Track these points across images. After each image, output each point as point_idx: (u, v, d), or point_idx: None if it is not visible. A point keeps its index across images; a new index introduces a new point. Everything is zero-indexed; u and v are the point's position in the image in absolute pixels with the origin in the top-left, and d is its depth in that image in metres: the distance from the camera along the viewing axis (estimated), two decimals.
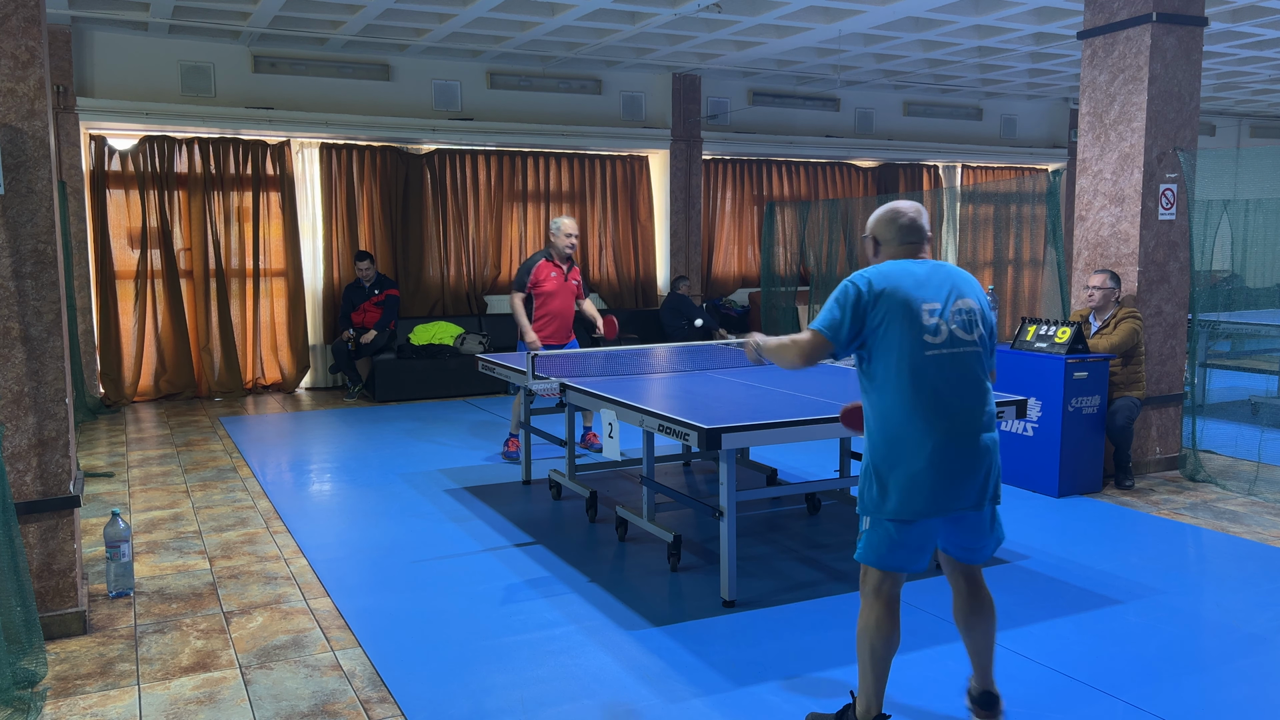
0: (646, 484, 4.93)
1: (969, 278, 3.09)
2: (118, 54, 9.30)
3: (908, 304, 2.92)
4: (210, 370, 9.98)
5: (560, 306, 7.11)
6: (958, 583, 3.17)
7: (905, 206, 3.09)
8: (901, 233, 3.08)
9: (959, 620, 3.18)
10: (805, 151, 12.68)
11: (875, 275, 2.98)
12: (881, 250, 3.13)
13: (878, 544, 2.97)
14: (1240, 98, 13.53)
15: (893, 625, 2.99)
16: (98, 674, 3.68)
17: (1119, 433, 6.18)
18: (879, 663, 3.00)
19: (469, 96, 10.73)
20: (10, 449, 3.84)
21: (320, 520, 5.66)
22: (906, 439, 2.91)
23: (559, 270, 7.07)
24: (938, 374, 2.92)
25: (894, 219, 3.09)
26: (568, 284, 7.12)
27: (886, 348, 2.93)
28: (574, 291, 7.16)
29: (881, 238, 3.12)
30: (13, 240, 3.81)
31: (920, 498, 2.90)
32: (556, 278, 7.06)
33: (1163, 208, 6.35)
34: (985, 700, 3.17)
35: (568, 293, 7.12)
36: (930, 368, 2.92)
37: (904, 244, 3.08)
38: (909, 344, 2.91)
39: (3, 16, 3.74)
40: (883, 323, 2.92)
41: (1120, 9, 6.30)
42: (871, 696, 3.02)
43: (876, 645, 2.99)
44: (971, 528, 3.04)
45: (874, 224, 3.14)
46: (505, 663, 3.72)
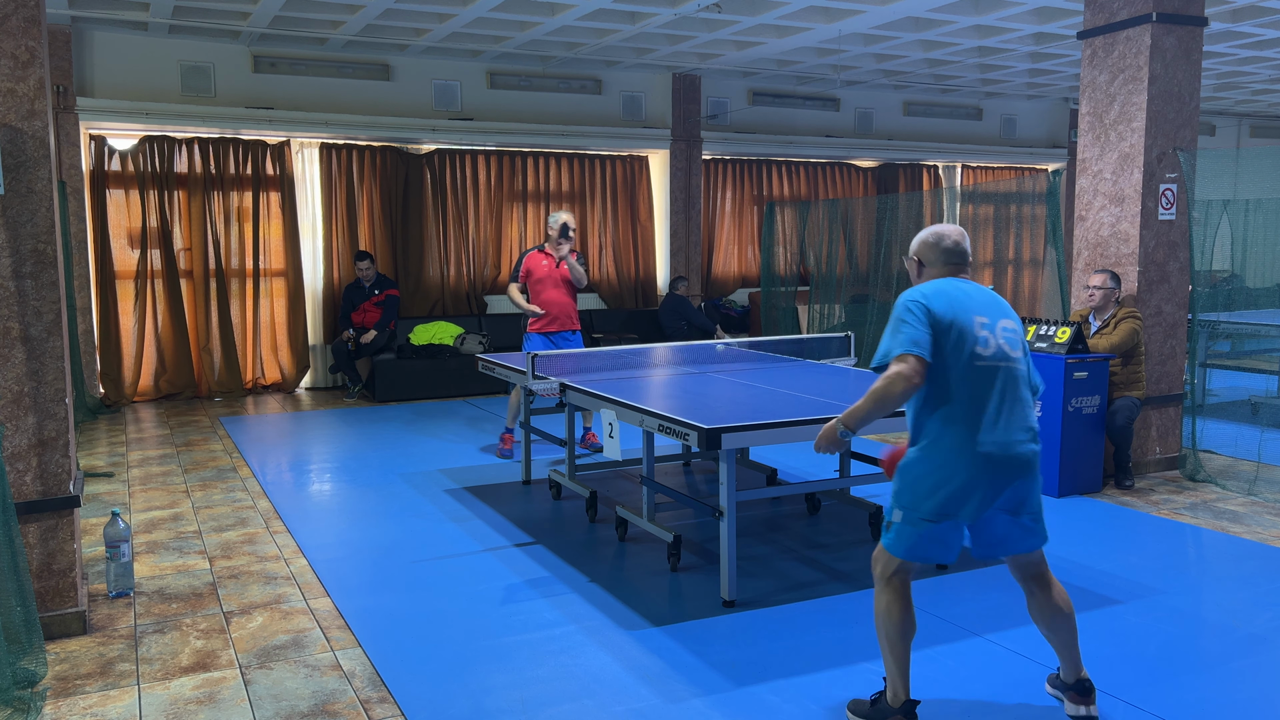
0: (646, 484, 4.93)
1: (1006, 304, 3.21)
2: (118, 54, 9.30)
3: (963, 316, 3.05)
4: (210, 370, 9.98)
5: (552, 295, 7.11)
6: (1029, 585, 3.22)
7: (949, 230, 3.22)
8: (945, 255, 3.21)
9: (1036, 619, 3.24)
10: (805, 151, 12.68)
11: (930, 290, 3.09)
12: (925, 271, 3.26)
13: (908, 538, 3.06)
14: (1240, 98, 13.53)
15: (904, 609, 3.09)
16: (98, 674, 3.68)
17: (1119, 433, 6.18)
18: (895, 648, 3.09)
19: (469, 96, 10.73)
20: (10, 449, 3.84)
21: (320, 520, 5.66)
22: (955, 446, 3.00)
23: (550, 259, 7.11)
24: (988, 385, 3.03)
25: (938, 242, 3.22)
26: (559, 270, 7.12)
27: (941, 357, 3.02)
28: (566, 277, 7.14)
29: (926, 259, 3.25)
30: (13, 240, 3.81)
31: (962, 502, 3.00)
32: (547, 265, 7.10)
33: (1163, 208, 6.35)
34: (1082, 688, 3.24)
35: (559, 279, 7.12)
36: (980, 378, 3.03)
37: (948, 265, 3.21)
38: (963, 354, 3.02)
39: (3, 16, 3.74)
40: (943, 333, 3.02)
41: (1120, 9, 6.30)
42: (896, 682, 3.12)
43: (892, 630, 3.09)
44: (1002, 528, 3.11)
45: (918, 246, 3.27)
46: (505, 663, 3.72)
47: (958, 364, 3.01)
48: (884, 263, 11.46)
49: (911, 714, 3.12)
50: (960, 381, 3.01)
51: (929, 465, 3.03)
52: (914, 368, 2.96)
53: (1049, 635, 3.24)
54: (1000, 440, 3.00)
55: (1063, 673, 3.29)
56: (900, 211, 11.32)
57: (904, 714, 3.11)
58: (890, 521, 3.12)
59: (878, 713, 3.16)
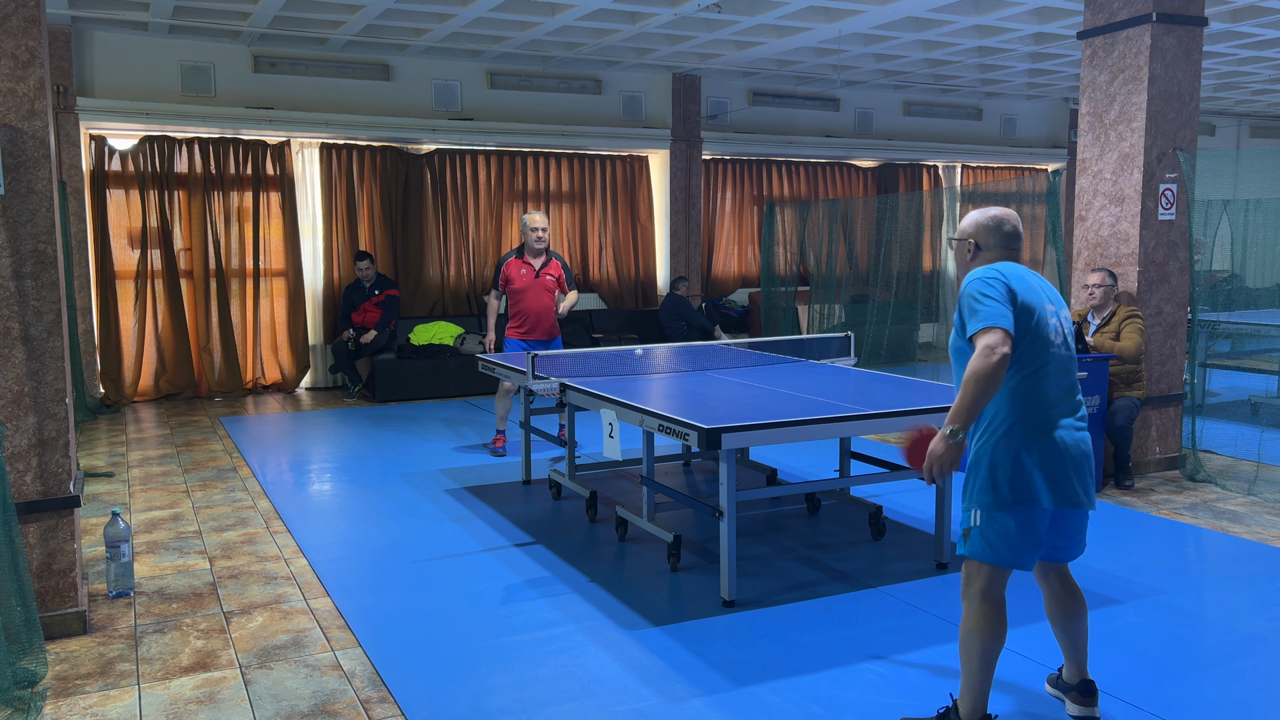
0: (646, 484, 4.93)
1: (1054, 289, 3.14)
2: (118, 54, 9.30)
3: (1039, 301, 2.97)
4: (210, 370, 9.98)
5: (532, 303, 6.98)
6: (1051, 583, 3.19)
7: (1009, 214, 3.11)
8: (1006, 239, 3.10)
9: (1054, 618, 3.21)
10: (805, 151, 12.68)
11: (1006, 270, 2.96)
12: (981, 255, 3.11)
13: (995, 539, 2.94)
14: (1240, 98, 13.53)
15: (1001, 624, 2.99)
16: (98, 674, 3.68)
17: (1119, 432, 6.18)
18: (988, 665, 2.99)
19: (469, 96, 10.73)
20: (10, 449, 3.84)
21: (320, 520, 5.66)
22: (1045, 429, 2.92)
23: (529, 267, 6.97)
24: (1063, 372, 2.99)
25: (999, 226, 3.09)
26: (540, 280, 6.98)
27: (1023, 335, 2.92)
28: (548, 287, 7.00)
29: (984, 244, 3.11)
30: (13, 240, 3.81)
31: (1055, 490, 2.91)
32: (526, 274, 6.96)
33: (1163, 208, 6.35)
34: (1086, 689, 3.23)
35: (540, 289, 6.98)
36: (1056, 365, 2.98)
37: (1007, 250, 3.10)
38: (1043, 337, 2.95)
39: (3, 16, 3.74)
40: (1023, 314, 2.92)
41: (1120, 9, 6.30)
42: (980, 697, 3.01)
43: (988, 648, 2.97)
44: (1071, 526, 3.09)
45: (975, 229, 3.12)
46: (505, 663, 3.72)
47: (1036, 348, 2.92)
48: (884, 263, 11.46)
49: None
50: (1048, 364, 2.94)
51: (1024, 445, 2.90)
52: (1003, 339, 2.78)
53: (1064, 633, 3.21)
54: (1073, 428, 2.96)
55: (1067, 673, 3.29)
56: (900, 211, 11.32)
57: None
58: (970, 527, 2.98)
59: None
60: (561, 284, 7.11)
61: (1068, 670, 3.28)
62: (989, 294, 2.88)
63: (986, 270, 2.96)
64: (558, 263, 7.10)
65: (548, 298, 7.00)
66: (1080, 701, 3.23)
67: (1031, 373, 2.93)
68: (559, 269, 7.10)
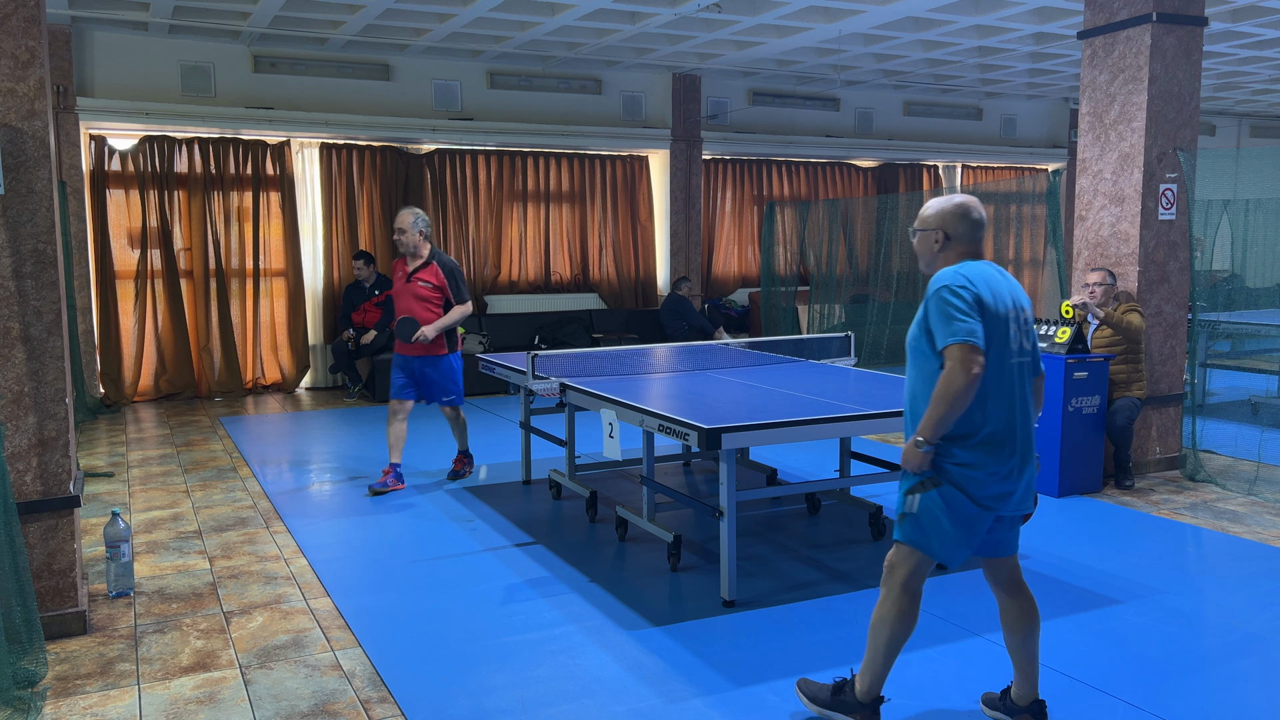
0: (646, 484, 4.93)
1: (1019, 285, 3.10)
2: (118, 54, 9.30)
3: (1002, 308, 2.94)
4: (210, 370, 9.98)
5: (399, 311, 6.17)
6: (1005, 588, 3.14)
7: (972, 201, 3.05)
8: (974, 228, 3.04)
9: (1011, 628, 3.14)
10: (805, 151, 12.68)
11: (974, 276, 2.92)
12: (951, 246, 3.04)
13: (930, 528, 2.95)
14: (1240, 98, 13.53)
15: (914, 616, 3.05)
16: (98, 674, 3.68)
17: (1119, 433, 6.18)
18: (894, 651, 3.06)
19: (469, 96, 10.73)
20: (10, 449, 3.84)
21: (320, 520, 5.66)
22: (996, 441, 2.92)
23: (403, 270, 6.19)
24: (1017, 381, 2.98)
25: (966, 214, 3.02)
26: (410, 285, 6.09)
27: (988, 346, 2.90)
28: (418, 294, 6.06)
29: (953, 233, 3.03)
30: (13, 240, 3.81)
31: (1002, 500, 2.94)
32: (400, 278, 6.18)
33: (1163, 208, 6.35)
34: (1039, 711, 3.16)
35: (408, 296, 6.10)
36: (1013, 375, 2.96)
37: (974, 240, 3.05)
38: (1000, 350, 2.93)
39: (3, 16, 3.74)
40: (989, 323, 2.90)
41: (1120, 9, 6.30)
42: (878, 679, 3.09)
43: (897, 636, 3.04)
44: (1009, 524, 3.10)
45: (943, 217, 3.04)
46: (505, 663, 3.72)
47: (999, 359, 2.91)
48: (884, 263, 11.46)
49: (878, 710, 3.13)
50: (1001, 377, 2.92)
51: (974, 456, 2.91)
52: (973, 358, 2.80)
53: (1019, 647, 3.13)
54: (1027, 435, 2.98)
55: (1017, 692, 3.17)
56: (900, 211, 11.33)
57: (873, 710, 3.12)
58: (906, 513, 3.01)
59: (840, 703, 3.15)
60: (444, 291, 6.11)
61: (1018, 688, 3.17)
62: (961, 305, 2.85)
63: (956, 275, 2.92)
64: (438, 268, 6.09)
65: (417, 306, 6.05)
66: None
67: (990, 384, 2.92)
68: (438, 275, 6.08)
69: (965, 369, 2.80)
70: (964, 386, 2.80)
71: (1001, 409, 2.93)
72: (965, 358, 2.81)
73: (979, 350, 2.82)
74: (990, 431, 2.92)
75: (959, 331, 2.82)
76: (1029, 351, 3.03)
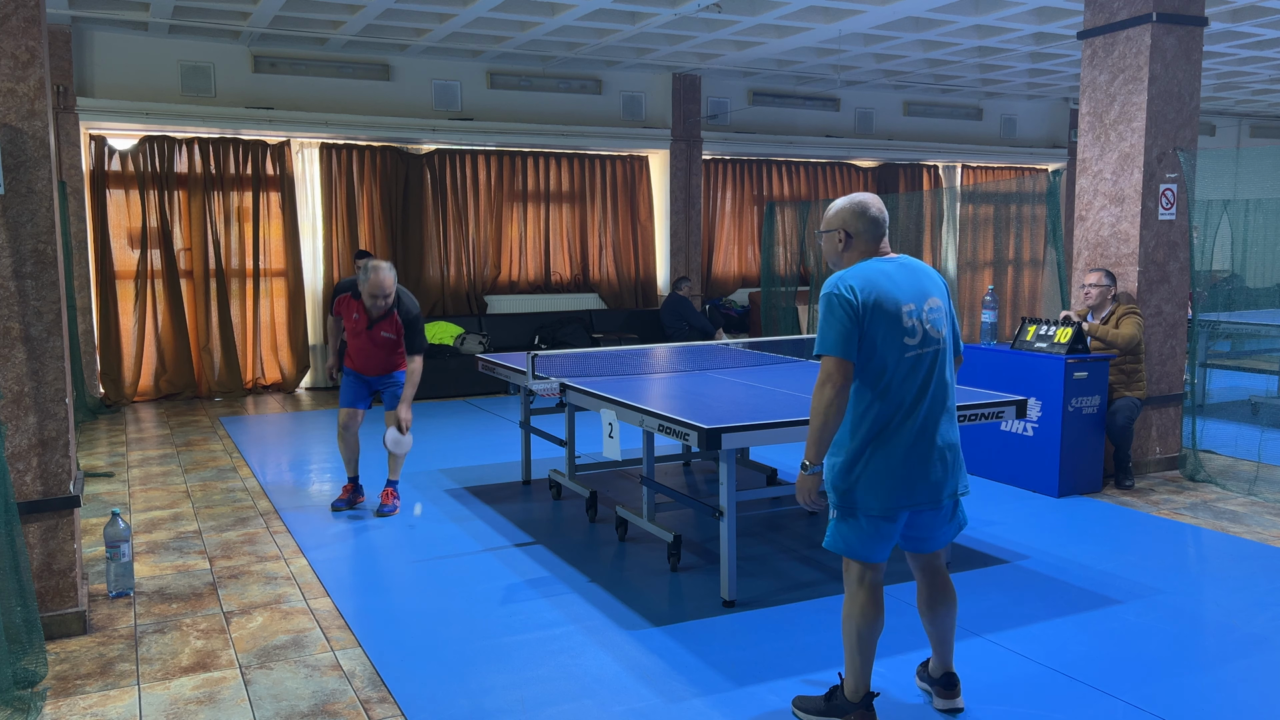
0: (646, 484, 4.93)
1: (933, 273, 3.13)
2: (118, 54, 9.30)
3: (891, 308, 2.96)
4: (210, 370, 9.98)
5: (357, 356, 5.76)
6: (919, 574, 3.27)
7: (871, 198, 3.09)
8: (873, 225, 3.07)
9: (922, 609, 3.28)
10: (805, 151, 12.68)
11: (858, 281, 2.96)
12: (854, 244, 3.08)
13: (848, 535, 3.05)
14: (1240, 98, 13.53)
15: (877, 611, 3.09)
16: (98, 674, 3.68)
17: (1119, 433, 6.18)
18: (866, 646, 3.11)
19: (469, 96, 10.73)
20: (11, 449, 3.84)
21: (320, 520, 5.66)
22: (883, 438, 2.98)
23: (363, 315, 5.65)
24: (912, 374, 2.99)
25: (864, 211, 3.05)
26: (373, 333, 5.66)
27: (869, 351, 2.96)
28: (380, 343, 5.69)
29: (854, 231, 3.06)
30: (13, 240, 3.81)
31: (894, 494, 2.99)
32: (359, 321, 5.66)
33: (1163, 208, 6.35)
34: (948, 681, 3.30)
35: (370, 345, 5.69)
36: (906, 369, 2.98)
37: (875, 237, 3.08)
38: (891, 347, 2.96)
39: (3, 16, 3.74)
40: (869, 328, 2.94)
41: (1120, 9, 6.30)
42: (860, 677, 3.14)
43: (863, 631, 3.09)
44: (928, 521, 3.12)
45: (843, 217, 3.08)
46: (505, 663, 3.72)
47: (888, 357, 2.95)
48: None
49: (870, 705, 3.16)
50: (891, 373, 2.96)
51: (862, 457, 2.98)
52: (843, 371, 2.90)
53: (933, 626, 3.27)
54: (927, 428, 3.00)
55: (932, 665, 3.34)
56: (900, 211, 11.32)
57: (865, 707, 3.14)
58: (830, 519, 3.10)
59: (834, 708, 3.18)
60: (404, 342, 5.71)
61: (933, 663, 3.34)
62: (836, 315, 2.91)
63: (840, 281, 2.96)
64: (398, 319, 5.67)
65: (380, 353, 5.72)
66: (943, 695, 3.30)
67: (879, 389, 2.97)
68: (396, 326, 5.68)
69: (830, 382, 2.89)
70: (829, 400, 2.89)
71: (891, 403, 2.97)
72: (831, 370, 2.90)
73: (845, 362, 2.90)
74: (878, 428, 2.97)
75: (829, 343, 2.91)
76: (936, 339, 3.03)
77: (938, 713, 3.31)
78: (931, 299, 3.05)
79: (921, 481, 3.01)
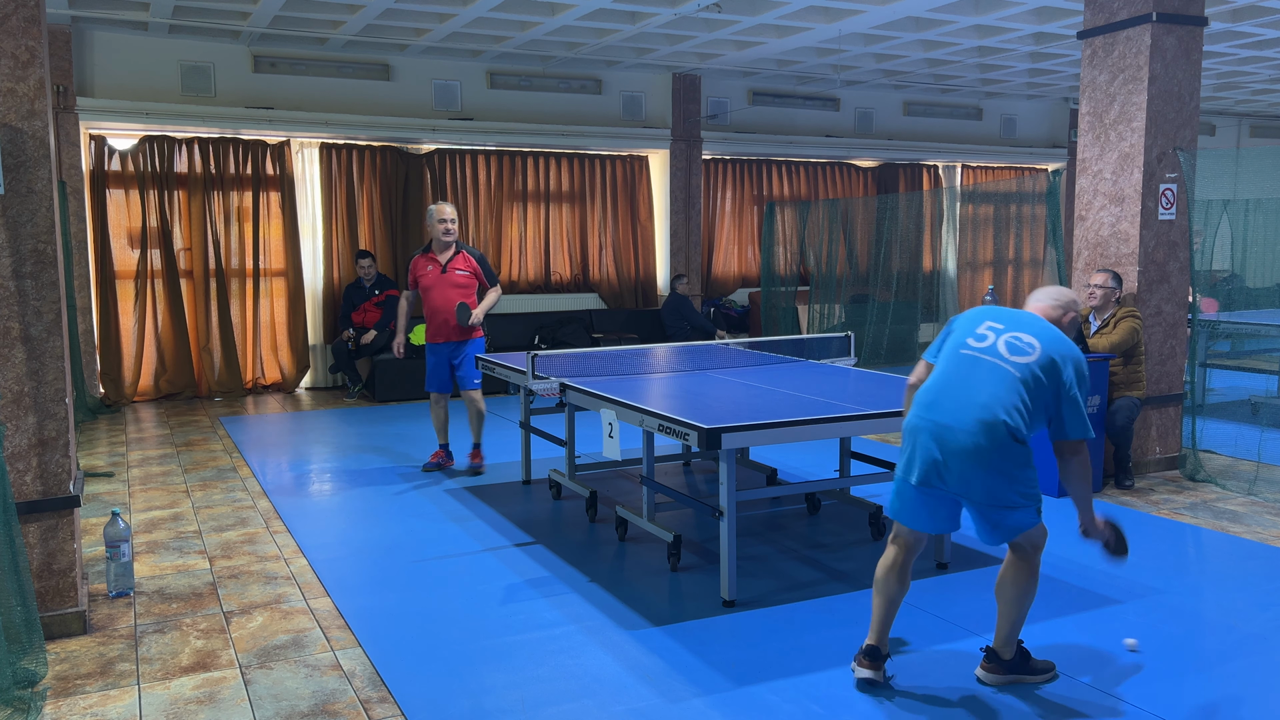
0: (646, 484, 4.93)
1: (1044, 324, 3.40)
2: (118, 54, 9.30)
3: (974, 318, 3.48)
4: (210, 370, 9.98)
5: (438, 302, 6.48)
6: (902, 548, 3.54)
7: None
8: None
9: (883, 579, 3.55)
10: (805, 151, 12.68)
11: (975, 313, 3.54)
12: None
13: (892, 494, 3.48)
14: (1240, 98, 13.53)
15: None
16: (98, 674, 3.68)
17: (1119, 432, 6.18)
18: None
19: (469, 96, 10.73)
20: (10, 449, 3.84)
21: (320, 520, 5.66)
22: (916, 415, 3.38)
23: (435, 263, 6.50)
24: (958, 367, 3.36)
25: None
26: (447, 275, 6.47)
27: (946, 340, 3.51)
28: (456, 283, 6.47)
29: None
30: (13, 240, 3.81)
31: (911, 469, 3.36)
32: (433, 270, 6.50)
33: (1163, 208, 6.35)
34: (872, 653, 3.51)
35: (447, 286, 6.46)
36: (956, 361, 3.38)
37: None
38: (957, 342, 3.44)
39: (3, 16, 3.74)
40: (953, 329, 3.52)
41: (1120, 9, 6.30)
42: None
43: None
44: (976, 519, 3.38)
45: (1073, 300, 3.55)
46: (505, 663, 3.72)
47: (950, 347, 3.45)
48: (884, 263, 11.47)
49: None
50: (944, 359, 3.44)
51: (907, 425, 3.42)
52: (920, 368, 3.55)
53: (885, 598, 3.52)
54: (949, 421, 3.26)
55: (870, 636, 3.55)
56: (900, 211, 11.33)
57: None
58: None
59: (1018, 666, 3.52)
60: (479, 278, 6.57)
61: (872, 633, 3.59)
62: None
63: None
64: (469, 256, 6.53)
65: (456, 295, 6.45)
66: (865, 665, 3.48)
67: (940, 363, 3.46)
68: (470, 263, 6.53)
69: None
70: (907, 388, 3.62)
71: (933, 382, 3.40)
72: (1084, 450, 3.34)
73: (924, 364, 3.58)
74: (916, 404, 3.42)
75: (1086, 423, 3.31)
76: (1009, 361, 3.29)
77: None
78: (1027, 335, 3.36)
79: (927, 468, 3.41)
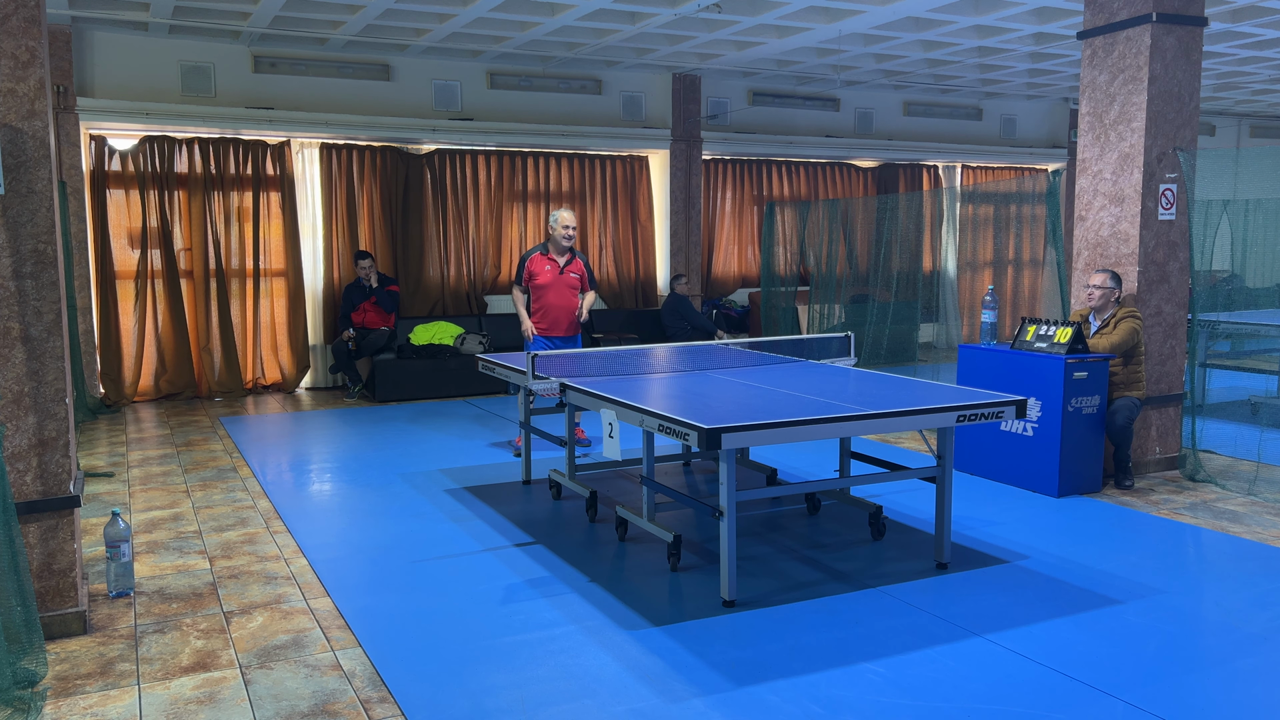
0: (646, 484, 4.93)
1: None
2: (118, 54, 9.30)
3: None
4: (210, 370, 9.98)
5: (554, 300, 7.11)
6: None
7: None
8: None
9: None
10: (805, 151, 12.68)
11: None
12: None
13: None
14: (1240, 98, 13.53)
15: None
16: (98, 674, 3.68)
17: (1119, 433, 6.18)
18: None
19: (469, 96, 10.73)
20: (10, 449, 3.84)
21: (320, 520, 5.66)
22: None
23: (554, 264, 7.08)
24: None
25: None
26: (564, 277, 7.10)
27: None
28: (571, 285, 7.13)
29: None
30: (13, 240, 3.81)
31: None
32: (551, 271, 7.08)
33: (1163, 208, 6.35)
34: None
35: (563, 286, 7.10)
36: None
37: None
38: None
39: (3, 16, 3.74)
40: None
41: (1120, 9, 6.30)
42: None
43: None
44: None
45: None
46: (505, 663, 3.72)
47: None
48: (884, 263, 11.46)
49: None
50: None
51: None
52: None
53: None
54: None
55: None
56: (900, 211, 11.32)
57: None
58: None
59: None
60: (584, 283, 7.23)
61: None
62: None
63: None
64: (581, 262, 7.20)
65: (571, 296, 7.12)
66: None
67: None
68: (582, 268, 7.20)
69: None
70: None
71: None
72: None
73: None
74: None
75: None
76: None
77: None
78: None
79: None
